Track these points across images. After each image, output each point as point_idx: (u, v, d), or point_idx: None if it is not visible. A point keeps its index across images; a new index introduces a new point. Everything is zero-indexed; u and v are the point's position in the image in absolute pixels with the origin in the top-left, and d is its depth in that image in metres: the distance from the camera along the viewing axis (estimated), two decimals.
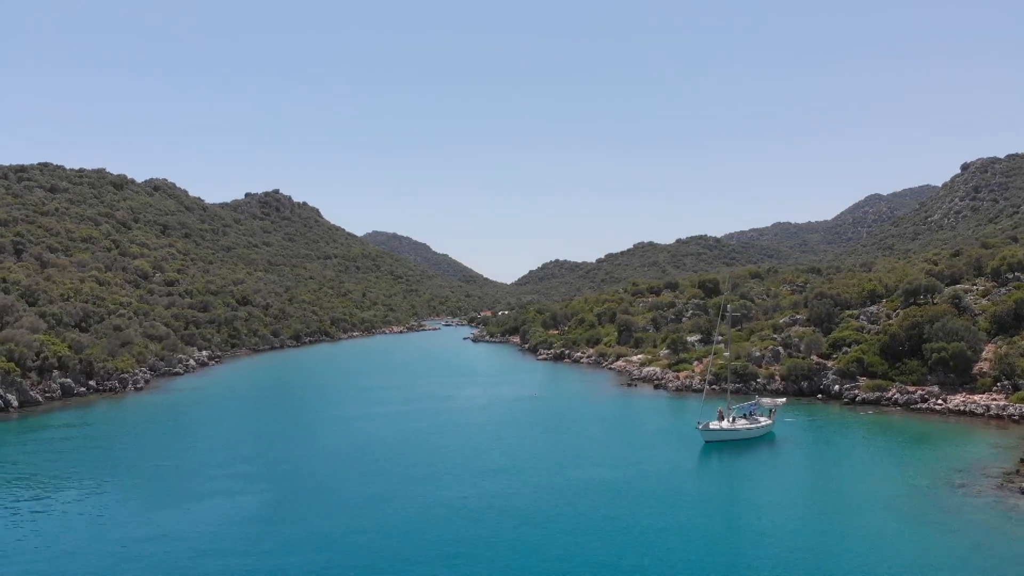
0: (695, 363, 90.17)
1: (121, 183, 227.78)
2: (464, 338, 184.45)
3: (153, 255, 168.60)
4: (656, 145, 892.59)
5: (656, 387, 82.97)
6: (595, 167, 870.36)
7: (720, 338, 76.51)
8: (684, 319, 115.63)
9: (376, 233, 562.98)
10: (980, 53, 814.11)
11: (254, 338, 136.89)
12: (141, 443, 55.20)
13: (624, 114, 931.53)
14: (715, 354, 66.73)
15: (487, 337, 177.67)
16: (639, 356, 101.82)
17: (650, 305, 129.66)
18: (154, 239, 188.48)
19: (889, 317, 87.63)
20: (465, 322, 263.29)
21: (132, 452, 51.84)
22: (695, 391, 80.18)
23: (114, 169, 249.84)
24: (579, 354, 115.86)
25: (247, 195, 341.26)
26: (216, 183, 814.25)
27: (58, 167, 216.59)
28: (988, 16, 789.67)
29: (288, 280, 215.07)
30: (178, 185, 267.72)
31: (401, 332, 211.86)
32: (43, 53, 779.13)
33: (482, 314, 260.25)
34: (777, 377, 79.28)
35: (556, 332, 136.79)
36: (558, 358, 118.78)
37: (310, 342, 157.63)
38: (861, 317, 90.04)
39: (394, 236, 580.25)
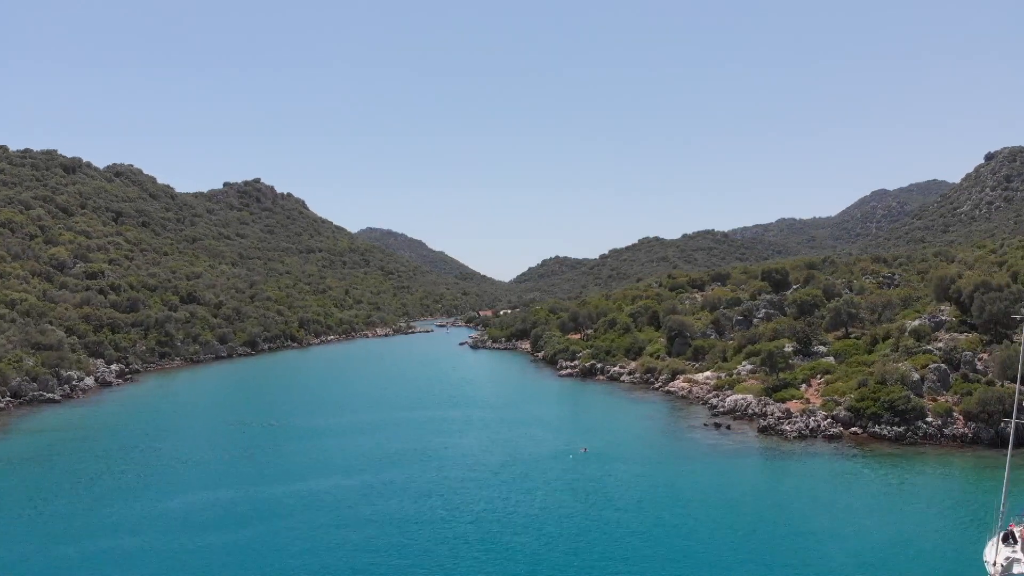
0: (802, 387, 61.18)
1: (74, 166, 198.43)
2: (461, 343, 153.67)
3: (90, 243, 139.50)
4: (656, 144, 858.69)
5: (762, 431, 53.46)
6: (595, 166, 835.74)
7: None
8: (756, 321, 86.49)
9: (370, 230, 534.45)
10: (980, 51, 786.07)
11: (193, 345, 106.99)
12: None
13: (625, 113, 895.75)
14: None
15: (489, 342, 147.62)
16: (706, 374, 72.83)
17: (703, 303, 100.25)
18: (100, 227, 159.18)
19: None
20: (462, 323, 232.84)
21: None
22: (830, 438, 50.92)
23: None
24: (617, 368, 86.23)
25: (226, 184, 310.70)
26: (213, 183, 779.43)
27: (0, 147, 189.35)
28: (989, 15, 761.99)
29: (257, 275, 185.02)
30: (146, 172, 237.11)
31: (386, 335, 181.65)
32: (42, 51, 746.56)
33: (481, 314, 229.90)
34: (957, 416, 50.21)
35: (579, 337, 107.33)
36: (586, 374, 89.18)
37: (270, 349, 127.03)
38: None
39: (388, 233, 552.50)
